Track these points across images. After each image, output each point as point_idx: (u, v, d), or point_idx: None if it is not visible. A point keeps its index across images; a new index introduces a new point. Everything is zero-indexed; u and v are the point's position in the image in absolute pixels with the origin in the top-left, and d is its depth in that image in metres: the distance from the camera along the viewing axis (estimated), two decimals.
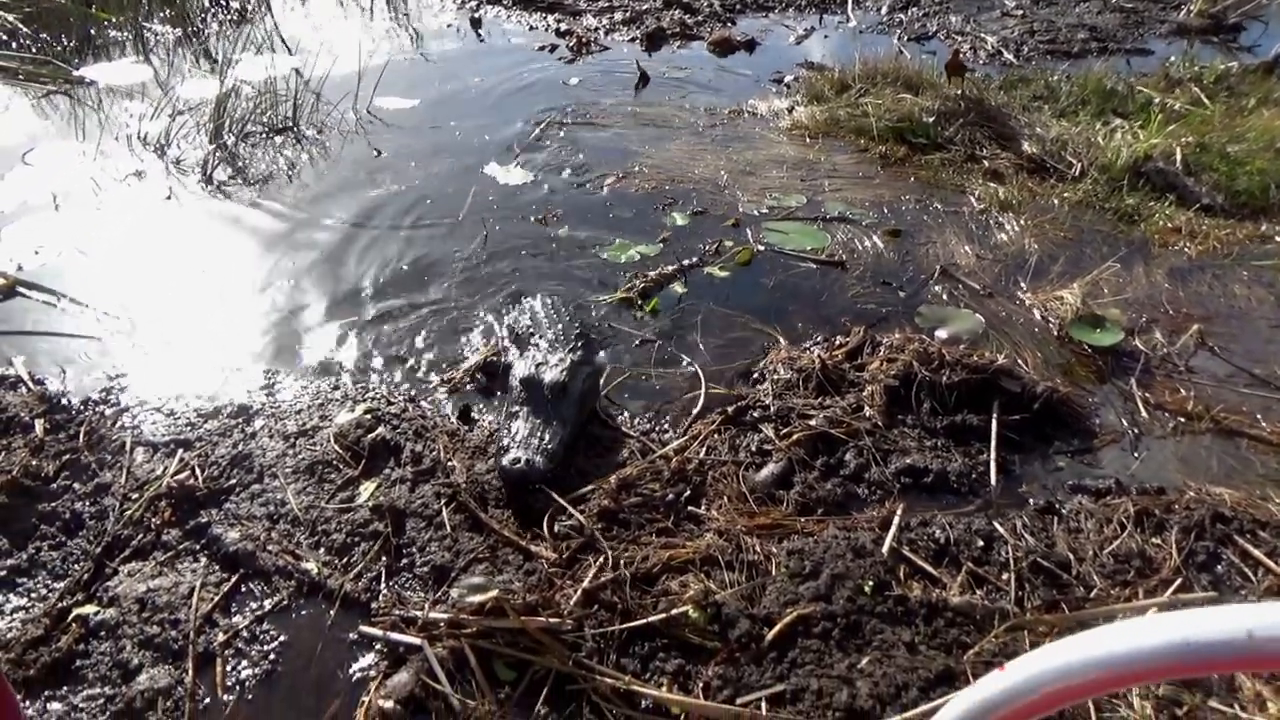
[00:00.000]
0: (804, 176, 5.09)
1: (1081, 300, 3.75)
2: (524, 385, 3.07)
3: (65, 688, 2.25)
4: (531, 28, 7.76)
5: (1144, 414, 3.29)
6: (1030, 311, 3.85)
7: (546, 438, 2.85)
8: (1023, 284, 4.04)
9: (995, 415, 3.19)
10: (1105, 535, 2.74)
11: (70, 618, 2.40)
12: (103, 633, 2.38)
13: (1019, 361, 3.51)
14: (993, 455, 3.05)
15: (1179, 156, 4.88)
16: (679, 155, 5.34)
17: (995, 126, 5.39)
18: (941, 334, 3.68)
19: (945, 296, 3.98)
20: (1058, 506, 2.87)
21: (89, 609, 2.43)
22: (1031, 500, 2.91)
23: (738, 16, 8.10)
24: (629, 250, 4.34)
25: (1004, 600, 2.52)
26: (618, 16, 7.86)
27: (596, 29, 7.62)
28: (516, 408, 3.01)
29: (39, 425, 3.01)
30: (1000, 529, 2.74)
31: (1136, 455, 3.12)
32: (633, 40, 7.40)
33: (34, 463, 2.82)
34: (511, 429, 2.92)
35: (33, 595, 2.48)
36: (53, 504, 2.73)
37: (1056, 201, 4.73)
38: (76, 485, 2.81)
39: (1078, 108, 5.65)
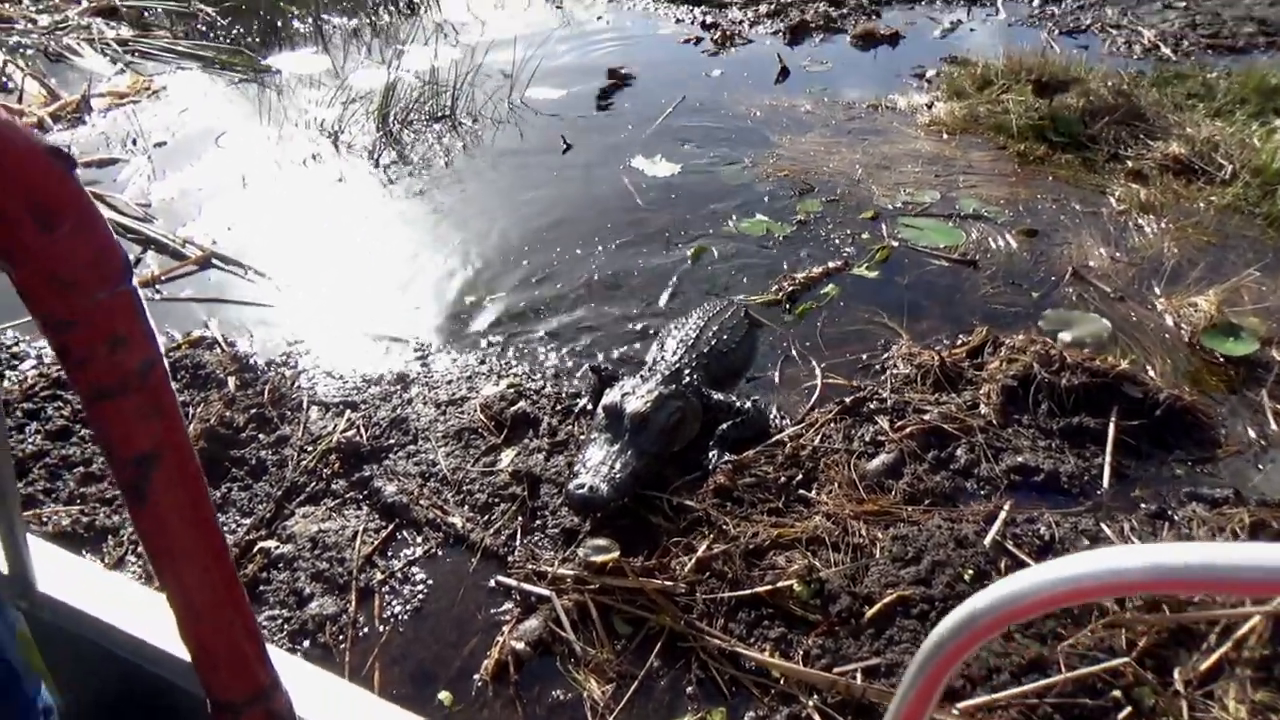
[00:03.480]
0: (939, 173, 5.12)
1: (1217, 307, 3.70)
2: (605, 412, 3.10)
3: (251, 608, 2.64)
4: (678, 20, 7.98)
5: (1274, 426, 3.25)
6: (1162, 317, 3.82)
7: (617, 467, 2.88)
8: (1157, 289, 4.00)
9: (1114, 419, 3.22)
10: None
11: (256, 549, 2.79)
12: (281, 564, 2.76)
13: (1146, 367, 3.51)
14: (1108, 459, 3.09)
15: None
16: (814, 147, 5.46)
17: (1143, 125, 5.26)
18: (1065, 336, 3.71)
19: (1075, 299, 3.98)
20: (1170, 513, 2.90)
21: (271, 543, 2.81)
22: (1144, 505, 2.94)
23: (883, 9, 8.08)
24: (762, 226, 4.57)
25: (1104, 598, 2.59)
26: (762, 9, 7.98)
27: (741, 22, 7.77)
28: (596, 434, 3.06)
29: (231, 382, 3.45)
30: (1108, 530, 2.80)
31: (1260, 468, 3.10)
32: (776, 33, 7.51)
33: (227, 414, 3.25)
34: (585, 455, 2.98)
35: (225, 528, 2.89)
36: (242, 451, 3.15)
37: (1202, 205, 4.62)
38: (261, 436, 3.23)
39: (1235, 106, 5.44)
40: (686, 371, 3.34)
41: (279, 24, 7.60)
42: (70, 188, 0.91)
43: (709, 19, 7.83)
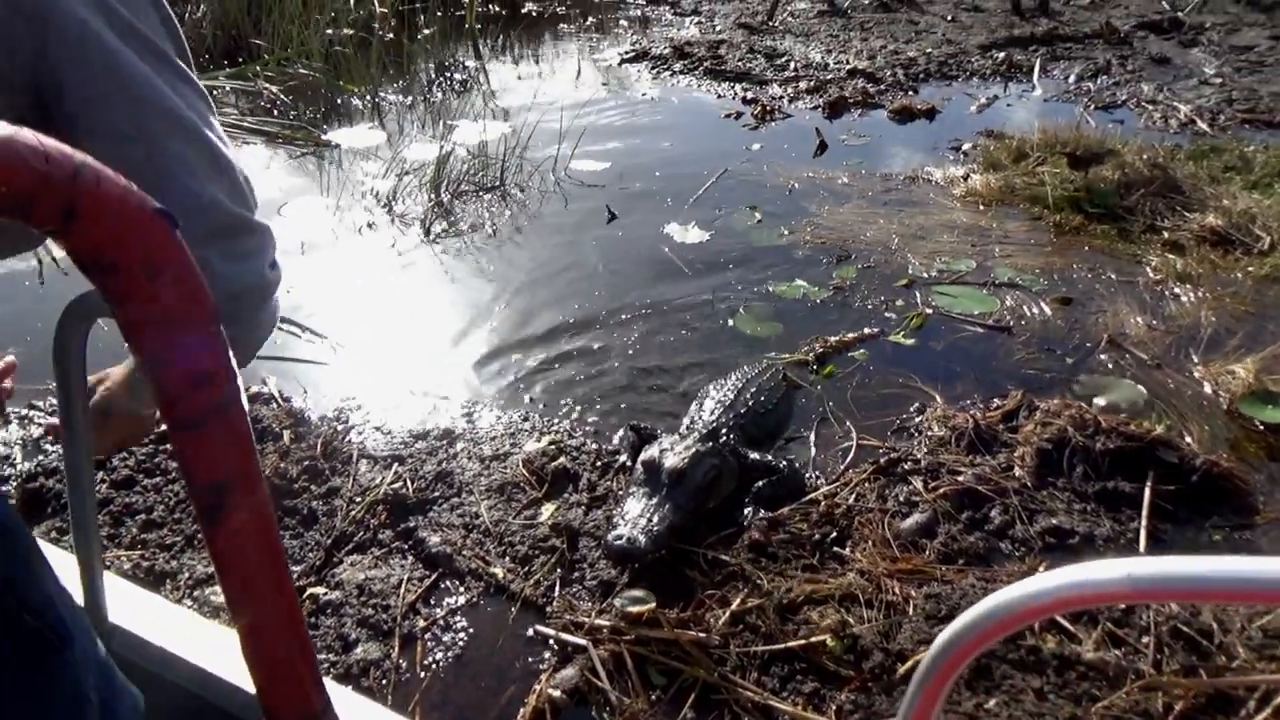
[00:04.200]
0: (975, 242, 5.21)
1: (1255, 375, 3.71)
2: (644, 467, 3.18)
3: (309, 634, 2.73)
4: (720, 96, 8.24)
5: None
6: (1200, 384, 3.84)
7: (655, 520, 2.95)
8: (1194, 357, 4.02)
9: (1150, 484, 3.23)
10: (1256, 609, 2.75)
11: (305, 595, 2.89)
12: (329, 610, 2.85)
13: (1183, 434, 3.52)
14: (1143, 523, 3.10)
15: None
16: (852, 217, 5.59)
17: (1179, 197, 5.33)
18: (1100, 401, 3.74)
19: (1110, 366, 4.02)
20: None
21: (320, 589, 2.92)
22: None
23: (920, 85, 8.28)
24: (798, 290, 4.69)
25: (1141, 661, 2.59)
26: (802, 85, 8.22)
27: (780, 98, 8.00)
28: (634, 488, 3.15)
29: (286, 435, 3.60)
30: None
31: None
32: (815, 108, 7.73)
33: (282, 466, 3.39)
34: (624, 508, 3.07)
35: None
36: (294, 501, 3.28)
37: (1239, 275, 4.64)
38: (313, 487, 3.36)
39: (1273, 179, 5.48)
40: (724, 431, 3.43)
41: (339, 101, 7.99)
42: (173, 243, 1.04)
43: (749, 95, 8.09)
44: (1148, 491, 3.20)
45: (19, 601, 1.12)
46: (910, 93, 8.02)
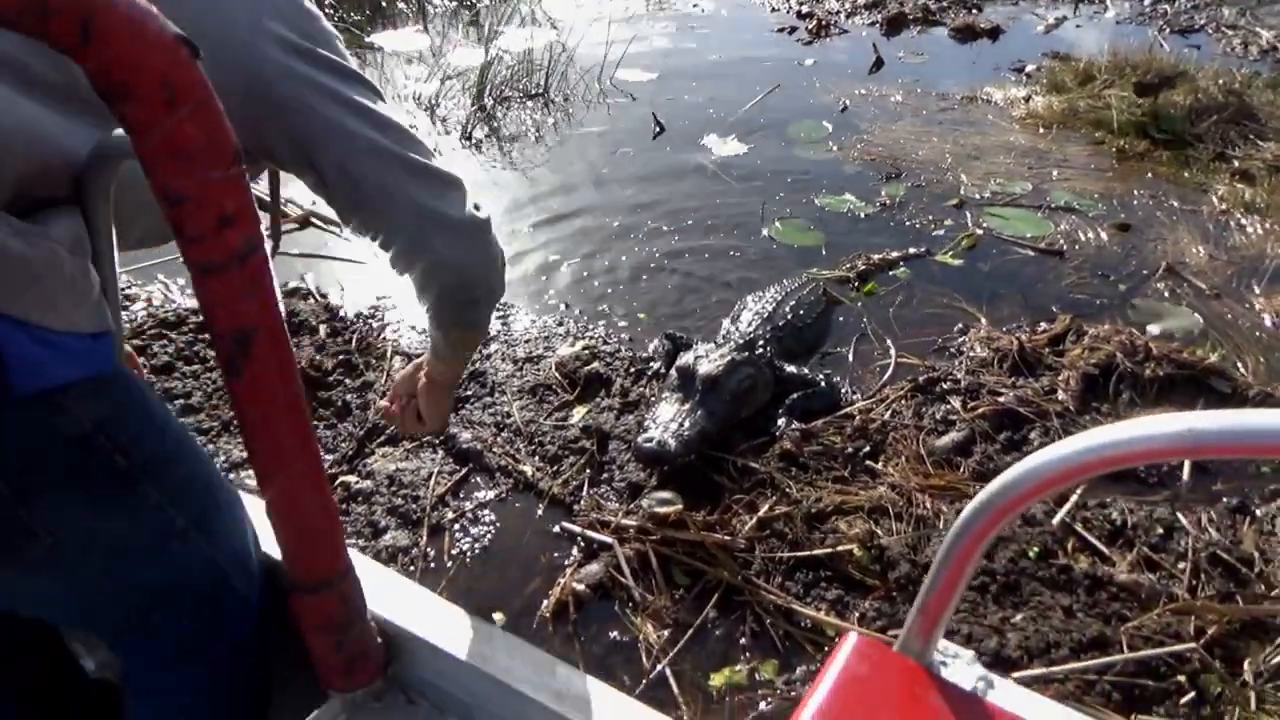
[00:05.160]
0: (1032, 165, 5.03)
1: None
2: (678, 373, 3.15)
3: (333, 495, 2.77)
4: (774, 9, 7.98)
5: None
6: (1260, 316, 3.70)
7: (686, 425, 2.92)
8: (1256, 288, 3.87)
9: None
10: None
11: (337, 483, 2.92)
12: (360, 498, 2.88)
13: (1237, 364, 3.40)
14: None
15: None
16: (904, 135, 5.42)
17: (1253, 125, 5.08)
18: (1154, 329, 3.62)
19: (1167, 294, 3.88)
20: (1252, 508, 2.81)
21: (352, 478, 2.95)
22: (1225, 499, 2.86)
23: (985, 4, 7.94)
24: (845, 204, 4.60)
25: (1175, 586, 2.53)
26: (860, 1, 7.92)
27: (837, 13, 7.73)
28: (667, 394, 3.12)
29: (322, 330, 3.61)
30: (1184, 521, 2.74)
31: None
32: (872, 24, 7.45)
33: (317, 358, 3.41)
34: (656, 412, 3.05)
35: None
36: (329, 393, 3.30)
37: None
38: (347, 380, 3.37)
39: None
40: (760, 342, 3.37)
41: (383, 4, 7.86)
42: (194, 73, 0.98)
43: (804, 9, 7.81)
44: None
45: (110, 441, 1.24)
46: (973, 11, 7.69)
